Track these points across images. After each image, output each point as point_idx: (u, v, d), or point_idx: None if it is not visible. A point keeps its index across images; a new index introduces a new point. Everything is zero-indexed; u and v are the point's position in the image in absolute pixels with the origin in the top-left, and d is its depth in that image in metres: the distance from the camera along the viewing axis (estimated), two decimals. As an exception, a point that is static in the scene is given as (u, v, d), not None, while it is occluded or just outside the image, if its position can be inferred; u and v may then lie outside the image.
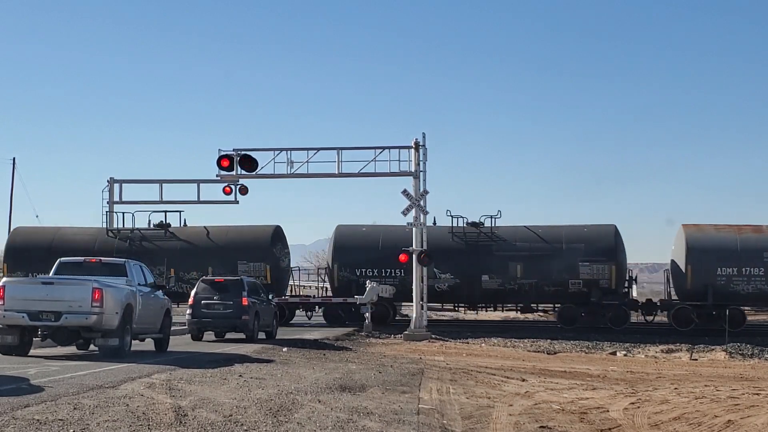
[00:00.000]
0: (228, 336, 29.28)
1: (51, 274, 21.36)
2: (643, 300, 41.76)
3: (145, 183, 46.12)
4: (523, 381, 18.90)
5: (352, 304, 38.01)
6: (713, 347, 32.00)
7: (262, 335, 29.33)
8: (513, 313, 46.66)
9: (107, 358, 18.45)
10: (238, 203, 41.44)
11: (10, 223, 46.68)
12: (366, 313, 36.54)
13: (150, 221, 41.68)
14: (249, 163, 35.76)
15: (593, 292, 38.26)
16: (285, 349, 23.98)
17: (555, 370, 22.81)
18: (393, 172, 36.28)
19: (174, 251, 40.18)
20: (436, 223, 39.67)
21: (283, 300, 39.92)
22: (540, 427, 11.95)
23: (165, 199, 44.46)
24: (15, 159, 56.13)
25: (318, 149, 36.84)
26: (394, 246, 37.45)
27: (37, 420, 9.85)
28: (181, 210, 41.98)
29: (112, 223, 41.40)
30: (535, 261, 38.71)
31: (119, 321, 19.02)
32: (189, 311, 28.37)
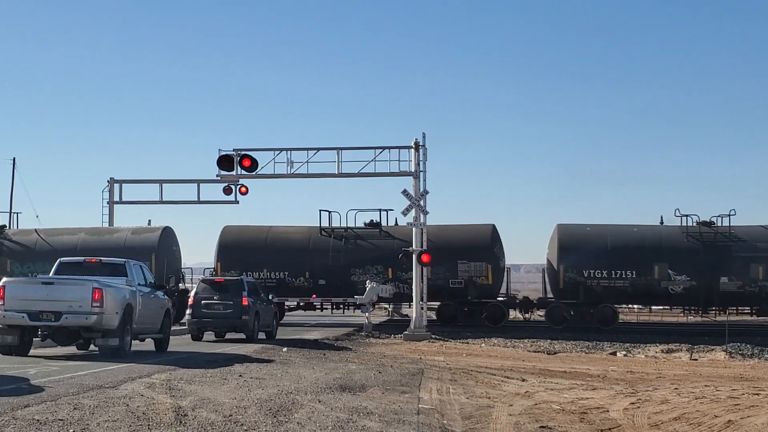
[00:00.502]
0: (228, 336, 29.29)
1: (51, 273, 21.37)
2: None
3: (145, 183, 46.15)
4: (523, 381, 18.90)
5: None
6: (713, 347, 32.00)
7: (262, 335, 29.34)
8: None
9: (107, 358, 18.45)
10: (238, 203, 41.56)
11: (10, 223, 46.53)
12: (366, 313, 36.55)
13: (355, 220, 40.64)
14: (249, 163, 35.76)
15: None
16: (285, 349, 23.99)
17: (555, 370, 22.80)
18: (393, 172, 36.30)
19: (390, 250, 38.90)
20: (663, 222, 39.74)
21: (500, 300, 39.62)
22: (540, 427, 11.95)
23: (165, 199, 44.56)
24: (15, 159, 56.01)
25: (318, 149, 36.85)
26: (624, 246, 38.28)
27: (37, 420, 9.85)
28: (391, 209, 40.92)
29: (324, 222, 40.26)
30: None
31: (119, 321, 19.02)
32: (189, 311, 28.38)
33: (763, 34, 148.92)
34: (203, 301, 28.21)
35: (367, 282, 37.11)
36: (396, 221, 40.59)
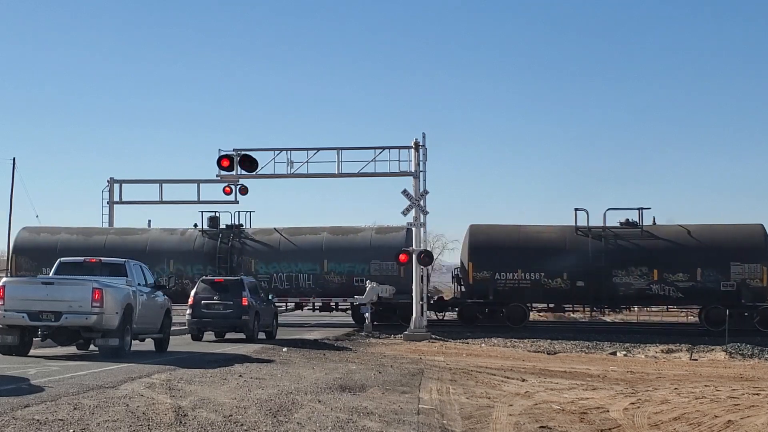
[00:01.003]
0: (228, 336, 29.28)
1: (51, 273, 21.37)
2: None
3: (145, 183, 46.26)
4: (523, 381, 18.90)
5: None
6: (713, 347, 32.02)
7: (262, 335, 29.34)
8: None
9: (107, 358, 18.44)
10: (238, 203, 41.68)
11: (9, 223, 46.75)
12: (366, 313, 36.54)
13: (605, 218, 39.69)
14: (249, 163, 35.76)
15: None
16: (285, 349, 23.98)
17: (555, 370, 22.81)
18: (393, 172, 36.32)
19: (657, 251, 38.34)
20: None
21: None
22: (540, 427, 11.95)
23: (165, 199, 44.64)
24: (15, 159, 56.12)
25: (318, 149, 36.88)
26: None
27: (37, 420, 9.85)
28: (647, 207, 40.04)
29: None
30: None
31: (119, 321, 19.02)
32: (189, 311, 28.37)
33: (763, 34, 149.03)
34: (203, 301, 28.19)
35: (367, 282, 37.11)
36: (654, 220, 39.81)
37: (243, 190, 40.07)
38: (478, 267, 39.07)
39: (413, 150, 35.67)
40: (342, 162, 36.49)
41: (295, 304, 41.74)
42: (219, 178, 37.04)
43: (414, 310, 35.38)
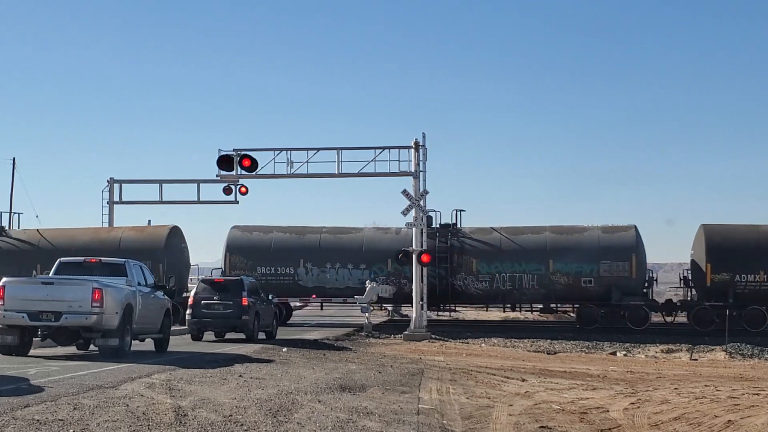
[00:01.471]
0: (228, 336, 29.28)
1: (51, 273, 21.36)
2: None
3: (145, 183, 46.19)
4: (523, 381, 18.90)
5: None
6: (713, 347, 32.02)
7: (262, 335, 29.33)
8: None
9: (107, 358, 18.44)
10: (238, 203, 41.55)
11: (10, 223, 46.52)
12: (366, 313, 36.52)
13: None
14: (249, 163, 35.77)
15: None
16: (285, 350, 23.98)
17: (555, 370, 22.81)
18: (393, 172, 36.31)
19: None
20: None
21: None
22: (540, 427, 11.95)
23: (165, 199, 44.58)
24: (15, 159, 56.02)
25: (318, 149, 36.88)
26: None
27: (37, 420, 9.84)
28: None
29: None
30: None
31: (119, 321, 19.01)
32: (189, 311, 28.37)
33: (763, 34, 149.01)
34: (203, 301, 28.18)
35: (367, 282, 37.10)
36: None
37: (243, 190, 40.04)
38: (716, 268, 37.70)
39: (413, 150, 35.67)
40: (342, 162, 36.53)
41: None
42: (219, 178, 37.06)
43: (414, 309, 35.37)
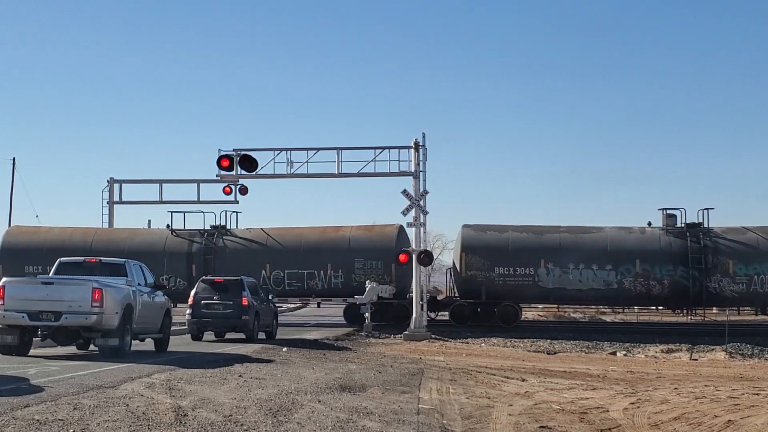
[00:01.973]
0: (228, 336, 29.28)
1: (51, 273, 21.37)
2: None
3: (145, 183, 46.28)
4: (523, 381, 18.90)
5: None
6: (713, 347, 32.01)
7: (262, 335, 29.34)
8: None
9: (107, 358, 18.45)
10: (238, 203, 41.70)
11: (10, 223, 46.61)
12: (366, 313, 36.53)
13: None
14: (249, 163, 35.77)
15: None
16: (285, 349, 23.99)
17: (555, 370, 22.81)
18: (393, 172, 36.32)
19: None
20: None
21: None
22: (540, 427, 11.95)
23: (165, 199, 44.65)
24: (15, 159, 56.17)
25: (318, 149, 36.89)
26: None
27: (37, 420, 9.85)
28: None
29: None
30: None
31: (119, 321, 19.02)
32: (189, 311, 28.36)
33: (763, 34, 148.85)
34: (203, 301, 28.18)
35: (367, 282, 37.12)
36: None
37: (243, 190, 40.08)
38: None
39: (413, 150, 35.68)
40: (342, 162, 36.52)
41: None
42: (219, 178, 37.05)
43: (414, 309, 35.39)
